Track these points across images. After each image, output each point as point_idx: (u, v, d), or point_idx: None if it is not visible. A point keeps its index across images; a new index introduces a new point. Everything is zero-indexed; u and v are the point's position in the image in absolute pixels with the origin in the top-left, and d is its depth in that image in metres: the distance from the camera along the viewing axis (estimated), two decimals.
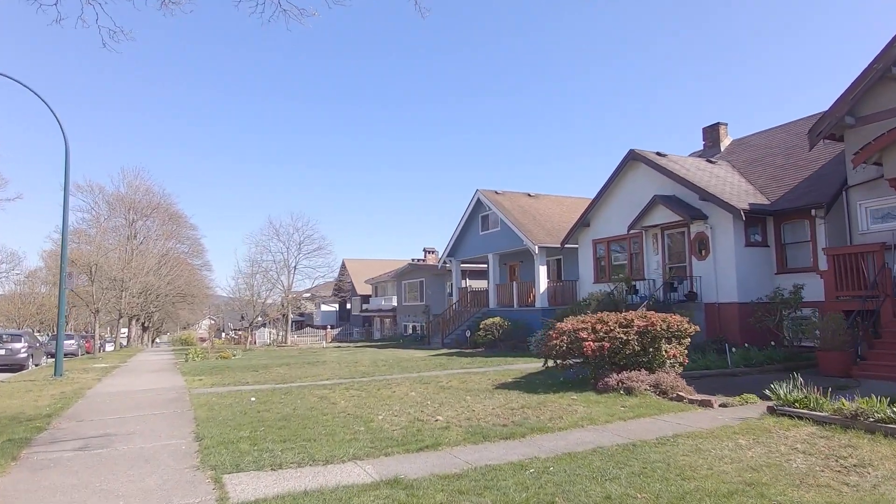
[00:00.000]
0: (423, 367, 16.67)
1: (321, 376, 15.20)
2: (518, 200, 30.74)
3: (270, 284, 38.50)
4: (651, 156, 20.27)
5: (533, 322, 26.14)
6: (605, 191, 22.08)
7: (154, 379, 16.36)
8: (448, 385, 12.05)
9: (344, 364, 18.91)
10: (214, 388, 13.35)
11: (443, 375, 14.22)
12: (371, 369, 16.73)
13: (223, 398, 11.24)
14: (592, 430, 7.37)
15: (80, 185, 47.25)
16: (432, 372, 15.28)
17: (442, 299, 40.51)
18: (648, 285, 20.04)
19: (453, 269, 34.25)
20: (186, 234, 60.58)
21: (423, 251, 49.43)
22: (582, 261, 23.73)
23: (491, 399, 9.87)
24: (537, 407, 8.81)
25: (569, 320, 11.15)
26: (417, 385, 12.24)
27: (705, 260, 18.07)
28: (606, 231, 22.31)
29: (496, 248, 29.81)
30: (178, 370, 19.13)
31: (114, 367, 21.89)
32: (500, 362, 17.67)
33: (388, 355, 22.92)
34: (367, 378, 14.29)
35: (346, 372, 16.20)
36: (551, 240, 26.53)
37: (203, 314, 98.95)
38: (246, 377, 15.77)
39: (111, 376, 17.90)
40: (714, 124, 24.72)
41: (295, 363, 19.97)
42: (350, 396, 10.85)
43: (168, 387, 14.01)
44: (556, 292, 26.82)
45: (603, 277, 22.50)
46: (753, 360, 12.90)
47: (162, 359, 27.67)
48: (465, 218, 32.14)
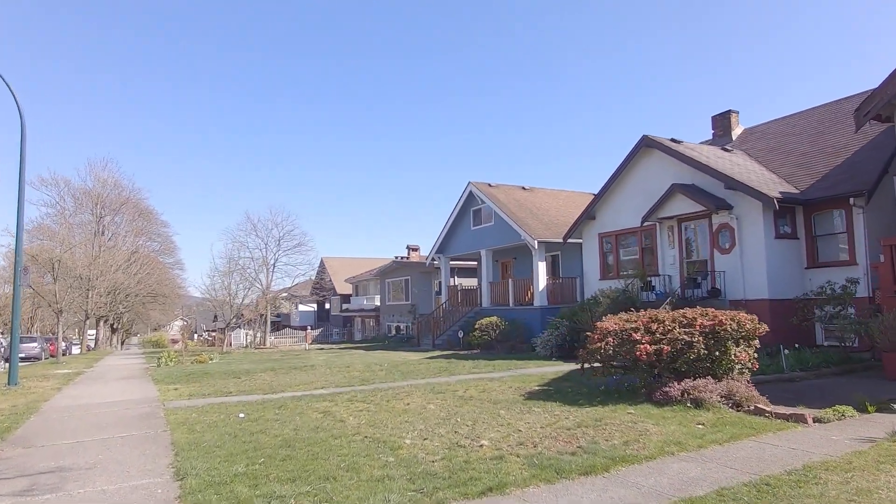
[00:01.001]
0: (425, 372, 14.99)
1: (314, 384, 13.44)
2: (513, 194, 29.20)
3: (248, 283, 36.45)
4: (666, 142, 18.85)
5: (531, 322, 24.64)
6: (614, 181, 20.62)
7: (122, 388, 14.44)
8: (467, 395, 10.40)
9: (335, 369, 17.15)
10: (193, 399, 11.52)
11: (453, 382, 12.56)
12: (368, 375, 15.01)
13: (205, 414, 9.45)
14: (688, 458, 5.79)
15: (45, 179, 44.65)
16: (439, 378, 13.61)
17: (429, 298, 38.82)
18: (663, 281, 18.61)
19: (442, 267, 32.60)
20: (157, 230, 58.09)
21: (406, 248, 47.71)
22: (586, 256, 22.25)
23: (530, 414, 8.25)
24: (596, 425, 7.21)
25: (610, 319, 9.57)
26: (431, 395, 10.58)
27: (730, 254, 16.68)
28: (615, 224, 20.84)
29: (489, 243, 28.23)
30: (150, 377, 17.19)
31: (78, 374, 19.84)
32: (508, 366, 16.07)
33: (380, 358, 21.19)
34: (367, 386, 12.57)
35: (340, 378, 14.46)
36: (550, 234, 25.01)
37: (175, 315, 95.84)
38: (228, 385, 13.94)
39: (74, 385, 15.92)
40: (725, 112, 23.43)
41: (280, 368, 18.14)
42: (357, 411, 9.14)
43: (139, 398, 12.13)
44: (554, 290, 25.31)
45: (610, 274, 21.04)
46: (809, 363, 11.47)
47: (132, 363, 25.56)
48: (455, 212, 30.51)
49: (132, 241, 48.92)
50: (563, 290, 25.53)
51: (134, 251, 47.88)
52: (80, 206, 46.30)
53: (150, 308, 64.81)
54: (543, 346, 18.85)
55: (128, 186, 49.89)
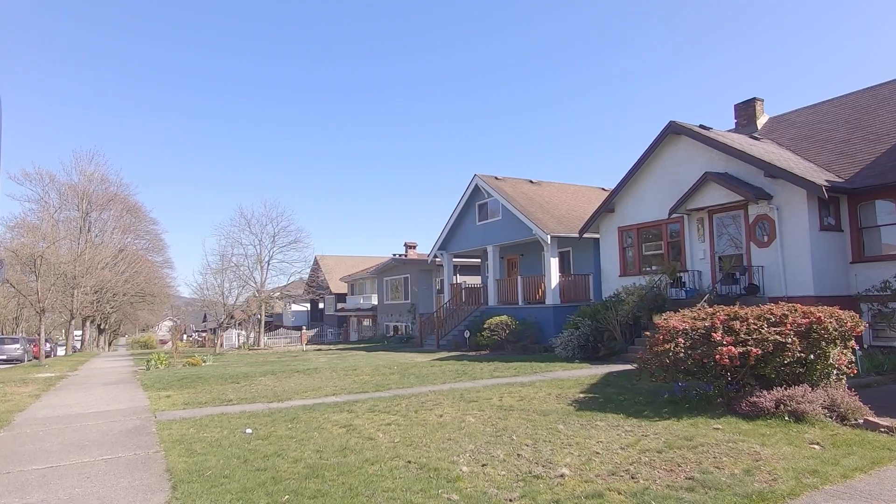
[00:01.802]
0: (442, 376, 13.66)
1: (322, 390, 12.06)
2: (521, 187, 27.90)
3: (242, 281, 34.87)
4: (696, 128, 17.61)
5: (543, 321, 23.37)
6: (636, 171, 19.37)
7: (108, 395, 12.99)
8: (505, 404, 9.08)
9: (341, 372, 15.76)
10: (188, 409, 10.12)
11: (480, 388, 11.24)
12: (380, 379, 13.64)
13: (205, 428, 8.07)
14: (842, 494, 4.50)
15: (28, 173, 42.86)
16: (461, 383, 12.28)
17: (429, 297, 37.45)
18: (692, 277, 17.38)
19: (445, 264, 31.24)
20: (146, 228, 56.31)
21: (403, 246, 46.18)
22: (604, 252, 20.99)
23: (595, 429, 6.94)
24: (689, 446, 5.91)
25: (674, 317, 8.27)
26: (463, 404, 9.25)
27: (769, 247, 15.47)
28: (636, 217, 19.60)
29: (496, 239, 26.91)
30: (139, 381, 15.73)
31: (60, 378, 18.33)
32: (530, 368, 14.76)
33: (386, 360, 19.81)
34: (384, 393, 11.21)
35: (350, 384, 13.09)
36: (563, 229, 23.74)
37: (164, 315, 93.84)
38: (226, 392, 12.53)
39: (55, 391, 14.45)
40: (749, 100, 22.22)
41: (280, 371, 16.74)
42: (384, 425, 7.79)
43: (126, 408, 10.71)
44: (567, 288, 24.02)
45: (631, 270, 19.80)
46: (884, 366, 10.23)
47: (119, 366, 24.03)
48: (459, 207, 29.17)
49: (119, 237, 47.16)
50: (575, 288, 24.26)
51: (121, 249, 46.14)
52: (66, 202, 44.57)
53: (139, 308, 62.94)
54: (564, 347, 17.55)
55: (115, 181, 48.23)
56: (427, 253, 42.60)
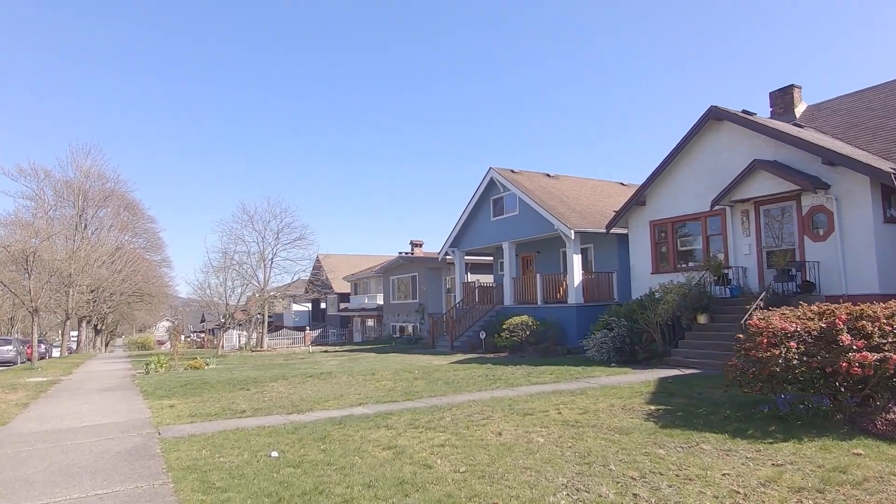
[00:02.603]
0: (475, 383, 12.36)
1: (345, 399, 10.76)
2: (538, 181, 26.63)
3: (245, 280, 33.47)
4: (740, 114, 16.34)
5: (565, 321, 22.10)
6: (670, 161, 18.11)
7: (104, 404, 11.67)
8: (569, 419, 7.79)
9: (359, 377, 14.46)
10: (197, 422, 8.81)
11: (525, 396, 9.95)
12: (405, 386, 12.34)
13: (220, 450, 6.76)
14: None
15: (23, 169, 41.45)
16: (500, 391, 10.99)
17: (438, 296, 36.14)
18: (736, 274, 16.11)
19: (456, 262, 29.95)
20: (144, 226, 54.87)
21: (409, 244, 44.93)
22: (634, 248, 19.71)
23: (705, 455, 5.66)
24: (850, 482, 4.66)
25: (776, 317, 6.98)
26: (516, 417, 7.96)
27: (825, 241, 14.21)
28: (670, 210, 18.33)
29: (513, 235, 25.61)
30: (139, 387, 14.41)
31: (53, 383, 17.02)
32: (566, 373, 13.48)
33: (402, 363, 18.52)
34: (418, 402, 9.91)
35: (374, 391, 11.79)
36: (586, 224, 22.47)
37: (161, 316, 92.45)
38: (236, 400, 11.22)
39: (46, 398, 13.13)
40: (787, 87, 20.95)
41: (292, 376, 15.42)
42: (437, 447, 6.50)
43: (125, 420, 9.39)
44: (590, 286, 22.74)
45: (665, 267, 18.53)
46: None
47: (116, 369, 22.70)
48: (473, 202, 27.88)
49: (116, 235, 45.78)
50: (598, 287, 22.99)
51: (118, 247, 44.74)
52: (61, 199, 43.14)
53: (136, 308, 61.55)
54: (598, 350, 16.25)
55: (112, 178, 46.81)
56: (434, 251, 41.41)
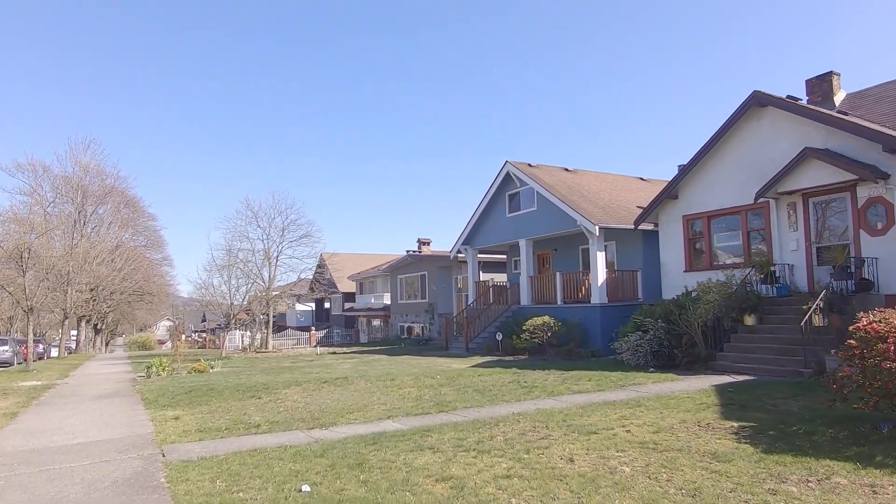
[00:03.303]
0: (510, 391, 11.24)
1: (371, 410, 9.62)
2: (557, 175, 25.49)
3: (250, 279, 32.27)
4: (787, 100, 15.20)
5: (588, 322, 20.97)
6: (707, 151, 16.98)
7: (101, 414, 10.53)
8: (643, 439, 6.65)
9: (378, 383, 13.31)
10: (206, 440, 7.67)
11: (574, 408, 8.81)
12: (432, 394, 11.20)
13: (237, 480, 5.63)
14: None
15: (21, 164, 40.31)
16: (543, 402, 9.86)
17: (448, 296, 34.99)
18: (783, 272, 14.97)
19: (469, 260, 28.77)
20: (144, 224, 53.80)
21: (416, 242, 43.69)
22: (665, 244, 18.57)
23: (853, 495, 4.51)
24: None
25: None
26: (583, 438, 6.83)
27: (884, 235, 13.09)
28: (707, 203, 17.19)
29: (531, 231, 24.48)
30: (139, 394, 13.27)
31: (47, 387, 15.89)
32: (604, 379, 12.35)
33: (419, 366, 17.39)
34: (454, 416, 8.77)
35: (398, 400, 10.66)
36: (610, 219, 21.33)
37: (162, 315, 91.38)
38: (247, 410, 10.08)
39: (37, 406, 12.00)
40: (825, 74, 19.71)
41: (305, 381, 14.28)
42: (502, 477, 5.36)
43: (123, 437, 8.25)
44: (614, 285, 21.59)
45: (700, 264, 17.39)
46: None
47: (115, 372, 21.57)
48: (487, 198, 26.72)
49: (116, 232, 44.65)
50: (622, 286, 21.84)
51: (118, 245, 43.64)
52: (60, 195, 42.01)
53: (136, 307, 60.46)
54: (633, 353, 15.09)
55: (112, 174, 45.71)
56: (442, 249, 40.31)
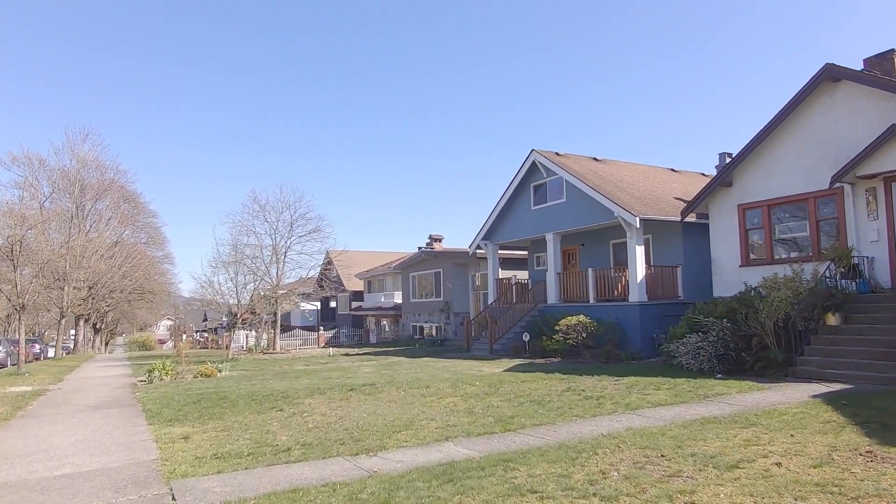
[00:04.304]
0: (575, 404, 9.62)
1: (419, 427, 7.98)
2: (586, 164, 23.88)
3: (258, 276, 30.59)
4: (866, 73, 13.57)
5: (625, 322, 19.34)
6: (767, 134, 15.37)
7: (95, 432, 8.89)
8: (814, 479, 5.05)
9: (414, 392, 11.68)
10: (226, 472, 6.04)
11: (675, 429, 7.19)
12: (484, 407, 9.57)
13: None
14: None
15: (16, 157, 38.68)
16: (624, 417, 8.23)
17: (464, 294, 33.33)
18: (863, 265, 13.33)
19: (490, 256, 27.13)
20: (145, 220, 52.12)
21: (428, 238, 42.02)
22: (718, 236, 16.94)
23: None
24: None
25: None
26: (730, 477, 5.21)
27: None
28: (766, 191, 15.56)
29: (558, 225, 22.85)
30: (140, 405, 11.62)
31: (38, 394, 14.28)
32: (676, 388, 10.76)
33: (449, 371, 15.75)
34: (528, 437, 7.14)
35: (446, 414, 9.03)
36: (649, 210, 19.70)
37: (163, 314, 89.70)
38: (271, 427, 8.45)
39: (21, 419, 10.39)
40: (886, 52, 17.86)
41: (327, 388, 12.63)
42: None
43: (120, 465, 6.61)
44: (654, 282, 19.94)
45: (759, 259, 15.78)
46: None
47: (114, 375, 19.94)
48: (510, 190, 25.10)
49: (116, 228, 43.01)
50: (662, 283, 20.20)
51: (117, 241, 42.01)
52: (57, 190, 40.36)
53: (137, 306, 58.89)
54: (694, 357, 13.42)
55: (111, 167, 44.00)
56: (453, 247, 38.67)
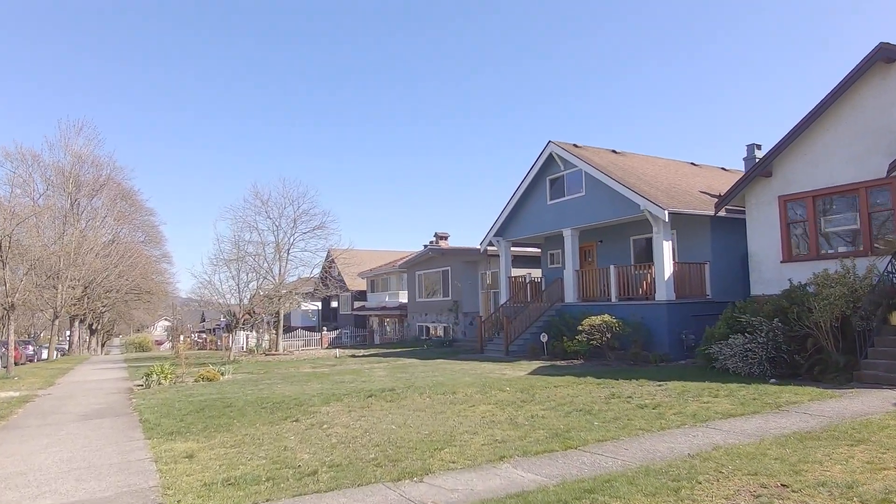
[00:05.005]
0: (628, 413, 8.53)
1: (463, 443, 6.88)
2: (606, 156, 22.78)
3: (260, 275, 29.38)
4: None
5: (652, 322, 18.24)
6: (814, 119, 14.26)
7: (83, 448, 7.75)
8: None
9: (440, 399, 10.58)
10: None
11: (772, 448, 6.09)
12: (526, 416, 8.46)
13: None
14: None
15: (9, 152, 37.44)
16: (702, 432, 7.14)
17: (474, 293, 32.18)
18: None
19: (502, 254, 25.99)
20: (142, 219, 50.88)
21: (434, 236, 40.88)
22: (756, 230, 15.84)
23: None
24: None
25: None
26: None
27: None
28: (811, 181, 14.47)
29: (577, 220, 21.73)
30: (137, 414, 10.48)
31: (25, 400, 13.13)
32: (733, 395, 9.66)
33: (469, 374, 14.65)
34: (599, 456, 6.04)
35: (485, 423, 7.93)
36: (678, 204, 18.60)
37: (160, 315, 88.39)
38: (287, 441, 7.33)
39: (1, 431, 9.23)
40: None
41: (344, 394, 11.50)
42: None
43: (111, 493, 5.48)
44: (682, 280, 18.84)
45: (804, 254, 14.69)
46: None
47: (109, 379, 18.77)
48: (525, 184, 23.97)
49: (112, 225, 41.79)
50: (689, 280, 19.09)
51: (113, 239, 40.82)
52: (52, 186, 39.14)
53: (134, 307, 57.61)
54: (742, 359, 12.31)
55: (107, 164, 42.73)
56: (458, 245, 37.48)
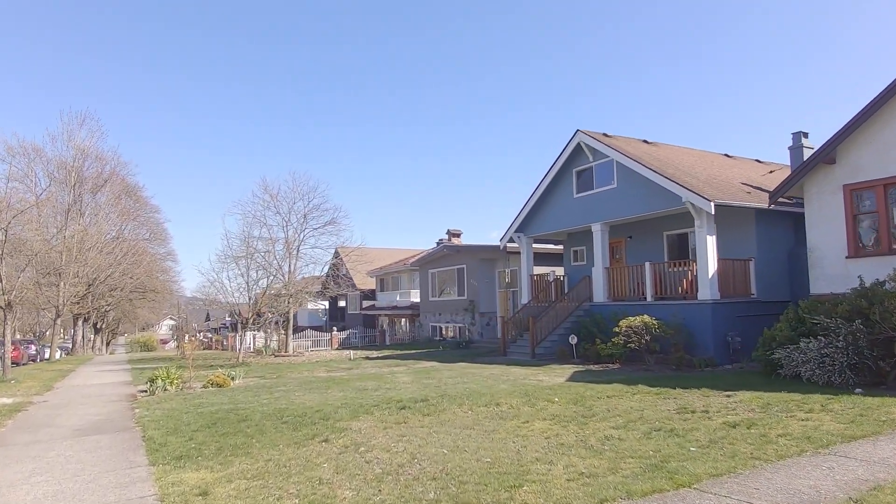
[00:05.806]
0: (738, 440, 7.25)
1: (535, 473, 5.60)
2: (638, 146, 21.47)
3: (269, 272, 28.05)
4: None
5: (694, 323, 16.91)
6: (884, 102, 12.90)
7: (74, 477, 6.48)
8: None
9: (482, 410, 9.29)
10: None
11: None
12: (600, 438, 7.20)
13: None
14: None
15: (12, 147, 36.25)
16: (837, 462, 5.85)
17: (491, 292, 30.85)
18: None
19: (523, 251, 24.69)
20: (147, 215, 49.69)
21: (446, 233, 39.62)
22: (816, 223, 14.47)
23: None
24: None
25: None
26: None
27: None
28: (881, 168, 13.12)
29: (607, 214, 20.42)
30: (139, 427, 9.19)
31: (16, 409, 11.90)
32: (825, 407, 8.35)
33: (501, 380, 13.37)
34: (713, 496, 4.76)
35: (552, 447, 6.67)
36: (722, 195, 17.27)
37: (165, 314, 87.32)
38: (320, 472, 6.04)
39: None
40: None
41: (372, 404, 10.20)
42: None
43: None
44: (726, 278, 17.48)
45: (874, 248, 13.37)
46: None
47: (111, 383, 17.52)
48: (550, 176, 22.66)
49: (115, 221, 40.58)
50: (733, 278, 17.74)
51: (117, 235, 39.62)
52: (55, 181, 37.94)
53: (138, 305, 56.52)
54: (819, 365, 10.95)
55: (111, 158, 41.57)
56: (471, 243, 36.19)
